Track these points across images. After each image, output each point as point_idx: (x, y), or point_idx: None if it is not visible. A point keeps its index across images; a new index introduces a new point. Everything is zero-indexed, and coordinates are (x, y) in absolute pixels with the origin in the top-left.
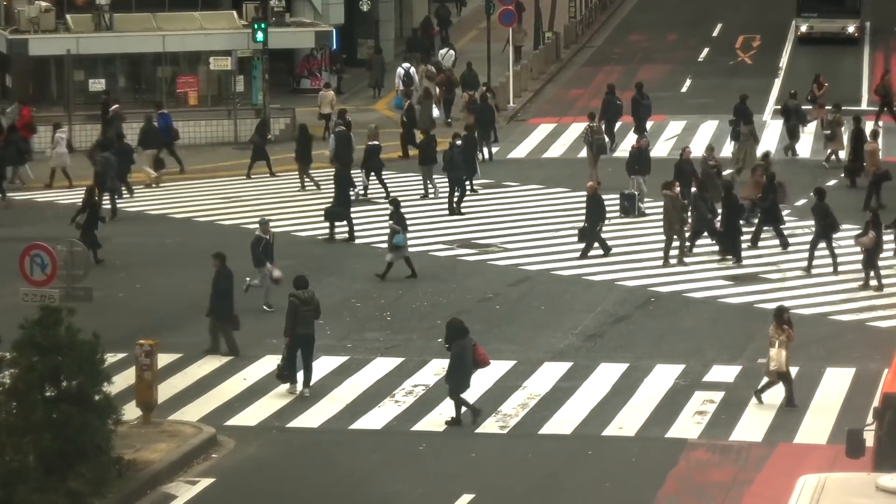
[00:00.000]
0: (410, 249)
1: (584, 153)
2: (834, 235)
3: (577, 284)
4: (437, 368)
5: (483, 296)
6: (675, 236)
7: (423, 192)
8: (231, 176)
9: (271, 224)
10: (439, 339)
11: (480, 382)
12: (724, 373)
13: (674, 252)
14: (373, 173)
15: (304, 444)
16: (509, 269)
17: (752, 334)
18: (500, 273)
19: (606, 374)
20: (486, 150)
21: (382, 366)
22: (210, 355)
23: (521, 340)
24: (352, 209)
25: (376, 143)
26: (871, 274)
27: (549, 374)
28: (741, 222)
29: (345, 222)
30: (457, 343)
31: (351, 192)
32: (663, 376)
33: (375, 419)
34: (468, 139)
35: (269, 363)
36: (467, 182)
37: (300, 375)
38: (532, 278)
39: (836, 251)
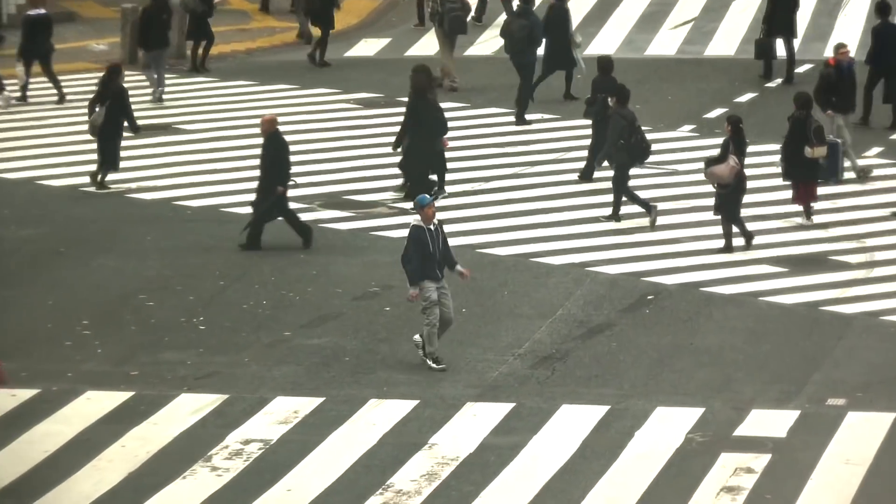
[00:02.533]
0: (236, 209)
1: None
2: None
3: (525, 271)
4: (287, 411)
5: (364, 289)
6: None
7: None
8: None
9: None
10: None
11: (353, 437)
12: (771, 421)
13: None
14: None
15: None
16: None
17: (819, 355)
18: (394, 250)
19: (571, 424)
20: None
21: (189, 407)
22: None
23: (425, 368)
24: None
25: None
26: None
27: (475, 424)
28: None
29: None
30: None
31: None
32: (667, 427)
33: (176, 501)
34: None
35: None
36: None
37: None
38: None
39: None
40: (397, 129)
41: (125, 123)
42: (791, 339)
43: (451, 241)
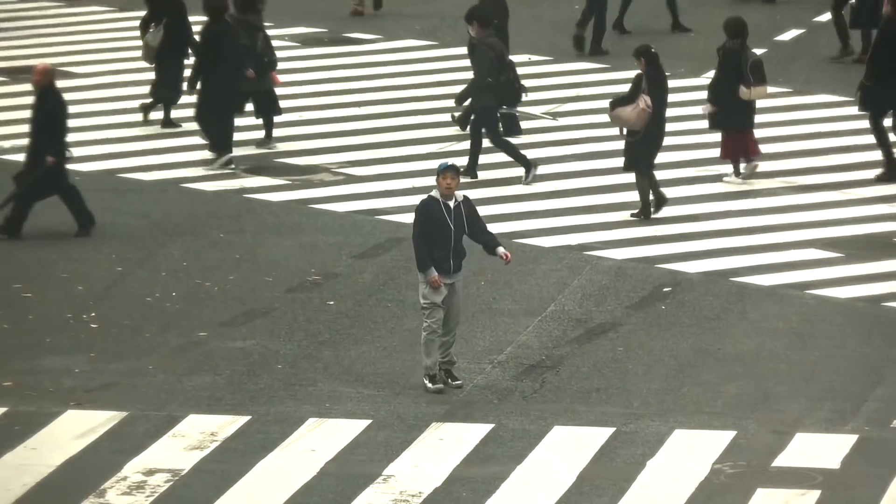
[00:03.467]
0: (140, 175)
1: None
2: None
3: (511, 255)
4: (202, 433)
5: (301, 278)
6: None
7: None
8: None
9: None
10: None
11: (286, 466)
12: (821, 448)
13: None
14: None
15: None
16: (361, 221)
17: (881, 364)
18: (342, 228)
19: (565, 452)
20: None
21: (77, 428)
22: None
23: (378, 378)
24: None
25: None
26: None
27: (442, 450)
28: None
29: None
30: None
31: None
32: (688, 455)
33: None
34: None
35: None
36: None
37: None
38: (408, 239)
39: None
40: (348, 73)
41: (186, 44)
42: (846, 343)
43: (409, 218)
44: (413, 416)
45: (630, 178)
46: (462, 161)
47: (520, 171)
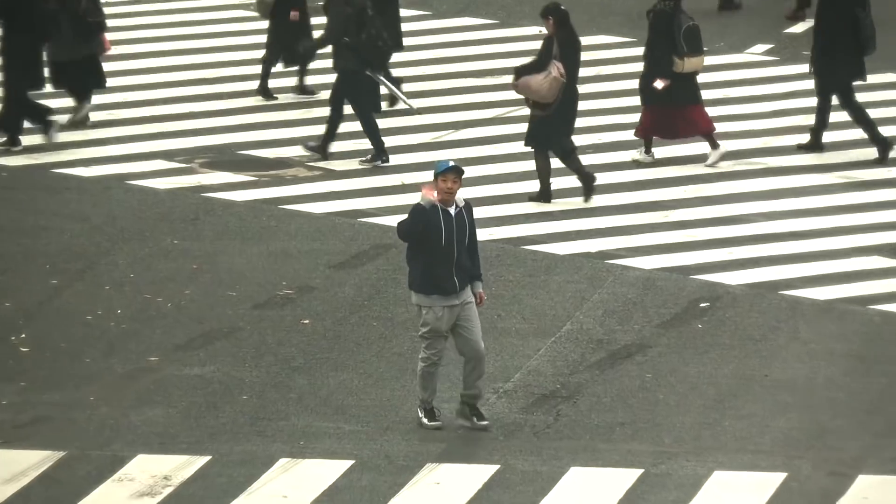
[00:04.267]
0: (77, 171)
1: None
2: None
3: (515, 264)
4: (153, 476)
5: (270, 293)
6: None
7: None
8: None
9: None
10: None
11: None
12: (887, 493)
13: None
14: None
15: None
16: (341, 224)
17: None
18: (318, 232)
19: (585, 497)
20: None
21: (5, 470)
22: None
23: (363, 411)
24: None
25: None
26: None
27: (438, 496)
28: None
29: None
30: None
31: None
32: (731, 501)
33: None
34: None
35: None
36: None
37: None
38: (397, 246)
39: None
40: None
41: None
42: None
43: (398, 221)
44: (404, 455)
45: (662, 173)
46: (464, 155)
47: (523, 167)
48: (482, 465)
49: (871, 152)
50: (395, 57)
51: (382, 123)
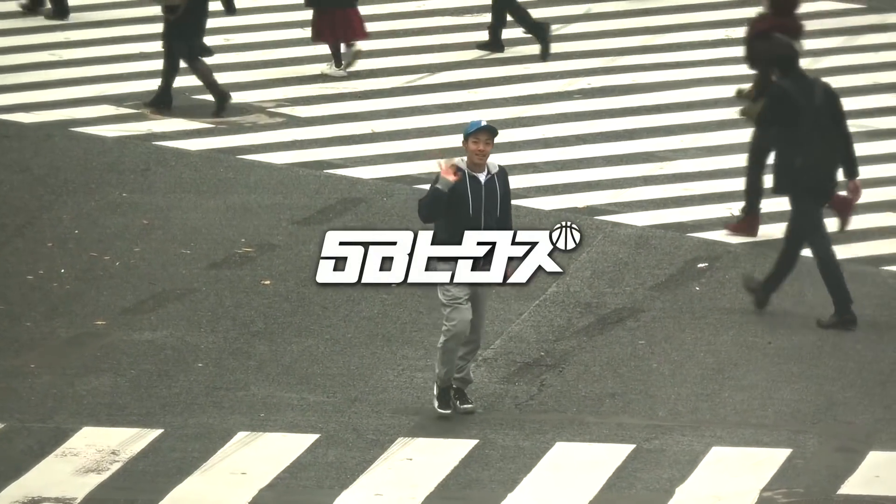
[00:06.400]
0: (19, 116)
1: None
2: None
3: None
4: (100, 451)
5: (228, 251)
6: None
7: None
8: None
9: None
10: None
11: (210, 493)
12: None
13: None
14: None
15: None
16: (306, 176)
17: None
18: (280, 185)
19: (572, 474)
20: None
21: None
22: None
23: (329, 380)
24: None
25: None
26: None
27: (411, 472)
28: None
29: None
30: None
31: None
32: (729, 479)
33: None
34: None
35: None
36: None
37: None
38: (367, 200)
39: None
40: None
41: None
42: None
43: (375, 172)
44: (373, 429)
45: (656, 121)
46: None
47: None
48: (459, 439)
49: (885, 99)
50: None
51: (353, 66)
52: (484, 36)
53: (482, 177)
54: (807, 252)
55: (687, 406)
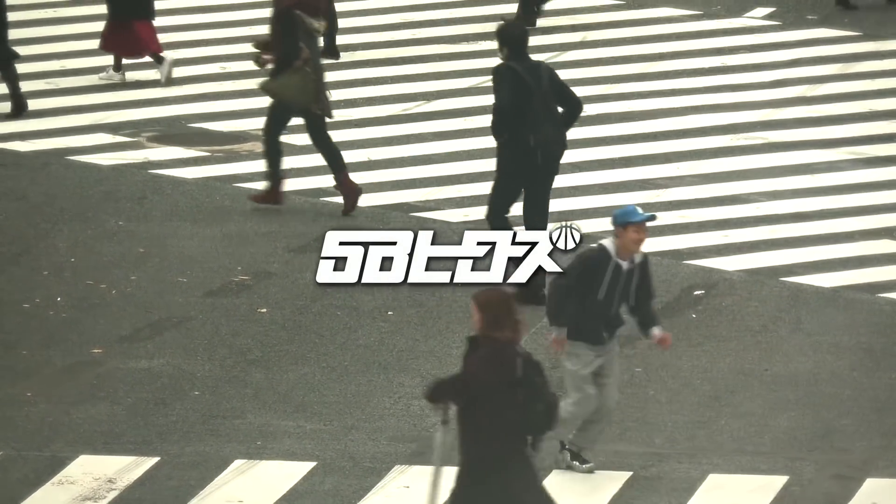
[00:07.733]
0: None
1: None
2: None
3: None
4: (96, 479)
5: (224, 279)
6: None
7: None
8: None
9: None
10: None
11: None
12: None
13: None
14: None
15: None
16: (302, 204)
17: None
18: (277, 213)
19: (567, 501)
20: None
21: None
22: None
23: (325, 408)
24: None
25: None
26: None
27: (410, 499)
28: None
29: None
30: None
31: None
32: (728, 502)
33: None
34: None
35: None
36: None
37: None
38: (363, 228)
39: None
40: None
41: None
42: None
43: (370, 200)
44: (370, 456)
45: (652, 148)
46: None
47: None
48: (456, 467)
49: (884, 126)
50: (361, 21)
51: (349, 94)
52: (482, 60)
53: (625, 264)
54: (802, 279)
55: (684, 433)
